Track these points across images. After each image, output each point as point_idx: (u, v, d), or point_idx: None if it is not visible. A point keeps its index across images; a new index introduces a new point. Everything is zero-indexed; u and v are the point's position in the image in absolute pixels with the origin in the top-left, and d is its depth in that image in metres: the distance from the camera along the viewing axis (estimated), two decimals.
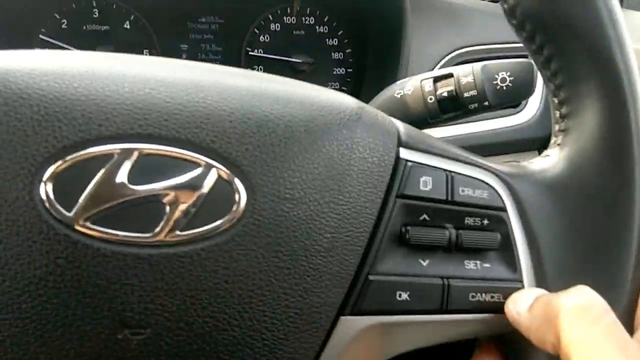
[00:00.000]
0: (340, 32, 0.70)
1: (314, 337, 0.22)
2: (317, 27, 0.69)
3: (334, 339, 0.23)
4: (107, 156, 0.20)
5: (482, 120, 0.63)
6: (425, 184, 0.24)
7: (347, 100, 0.24)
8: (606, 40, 0.25)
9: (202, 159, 0.21)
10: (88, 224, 0.20)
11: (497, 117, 0.63)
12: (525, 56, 0.64)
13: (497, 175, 0.26)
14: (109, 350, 0.20)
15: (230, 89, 0.22)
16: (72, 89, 0.20)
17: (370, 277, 0.23)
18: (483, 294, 0.24)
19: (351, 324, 0.23)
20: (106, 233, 0.20)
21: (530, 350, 0.26)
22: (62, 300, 0.20)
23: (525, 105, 0.65)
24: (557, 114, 0.28)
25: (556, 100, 0.28)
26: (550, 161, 0.27)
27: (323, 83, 0.70)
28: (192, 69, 0.23)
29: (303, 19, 0.69)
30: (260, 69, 0.70)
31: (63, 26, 0.65)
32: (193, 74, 0.22)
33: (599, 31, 0.25)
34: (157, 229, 0.20)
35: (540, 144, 0.67)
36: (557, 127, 0.28)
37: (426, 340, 0.25)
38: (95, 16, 0.66)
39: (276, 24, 0.69)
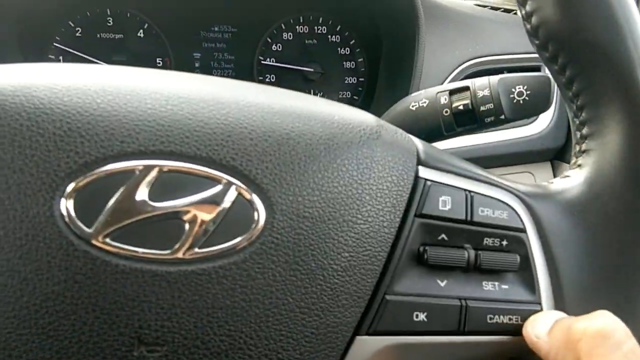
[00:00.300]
0: (353, 42, 0.70)
1: (330, 357, 0.22)
2: (329, 37, 0.70)
3: (349, 359, 0.22)
4: (128, 173, 0.20)
5: (495, 131, 0.62)
6: (445, 204, 0.24)
7: (366, 118, 0.24)
8: (630, 62, 0.24)
9: (223, 176, 0.21)
10: (107, 240, 0.19)
11: (509, 128, 0.63)
12: (539, 67, 0.64)
13: (517, 196, 0.26)
14: None
15: (251, 106, 0.22)
16: (95, 104, 0.20)
17: (387, 297, 0.23)
18: (501, 316, 0.24)
19: (367, 344, 0.23)
20: (125, 250, 0.20)
21: None
22: (79, 316, 0.19)
23: (538, 116, 0.64)
24: (578, 134, 0.27)
25: (577, 121, 0.27)
26: (571, 182, 0.27)
27: (335, 92, 0.70)
28: (214, 85, 0.23)
29: (315, 28, 0.69)
30: (272, 77, 0.70)
31: (77, 34, 0.66)
32: (214, 90, 0.22)
33: (623, 53, 0.24)
34: (176, 246, 0.20)
35: (552, 155, 0.67)
36: (577, 147, 0.28)
37: None
38: (109, 25, 0.66)
39: (289, 33, 0.69)
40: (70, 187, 0.19)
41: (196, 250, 0.20)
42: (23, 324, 0.19)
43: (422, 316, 0.23)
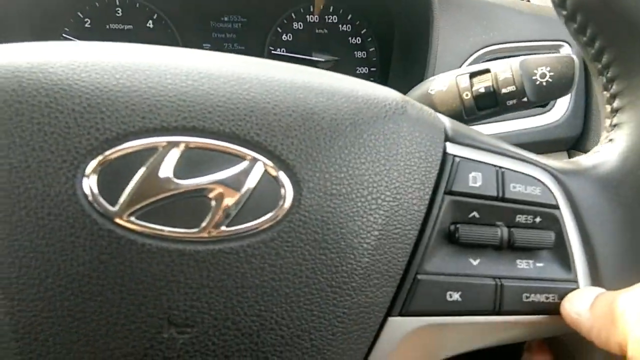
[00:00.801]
0: (364, 31, 0.69)
1: (362, 338, 0.21)
2: (340, 26, 0.69)
3: (382, 340, 0.22)
4: (151, 149, 0.19)
5: (510, 120, 0.61)
6: (475, 180, 0.23)
7: (391, 94, 0.24)
8: None
9: (247, 152, 0.20)
10: (132, 218, 0.19)
11: (525, 117, 0.62)
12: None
13: (548, 172, 0.25)
14: (154, 350, 0.19)
15: (273, 81, 0.21)
16: (114, 80, 0.20)
17: (419, 277, 0.22)
18: (537, 295, 0.23)
19: (400, 325, 0.22)
20: (151, 228, 0.19)
21: (586, 351, 0.24)
22: (106, 297, 0.19)
23: (554, 104, 0.63)
24: (609, 108, 0.27)
25: (607, 94, 0.26)
26: (603, 157, 0.26)
27: None
28: (233, 61, 0.22)
29: (326, 17, 0.68)
30: None
31: (86, 25, 0.65)
32: (235, 66, 0.22)
33: None
34: (203, 225, 0.19)
35: (569, 145, 0.65)
36: (607, 122, 0.27)
37: (478, 343, 0.24)
38: (118, 15, 0.66)
39: (299, 23, 0.68)
40: (92, 165, 0.19)
41: (223, 228, 0.20)
42: (48, 306, 0.19)
43: (455, 296, 0.22)
